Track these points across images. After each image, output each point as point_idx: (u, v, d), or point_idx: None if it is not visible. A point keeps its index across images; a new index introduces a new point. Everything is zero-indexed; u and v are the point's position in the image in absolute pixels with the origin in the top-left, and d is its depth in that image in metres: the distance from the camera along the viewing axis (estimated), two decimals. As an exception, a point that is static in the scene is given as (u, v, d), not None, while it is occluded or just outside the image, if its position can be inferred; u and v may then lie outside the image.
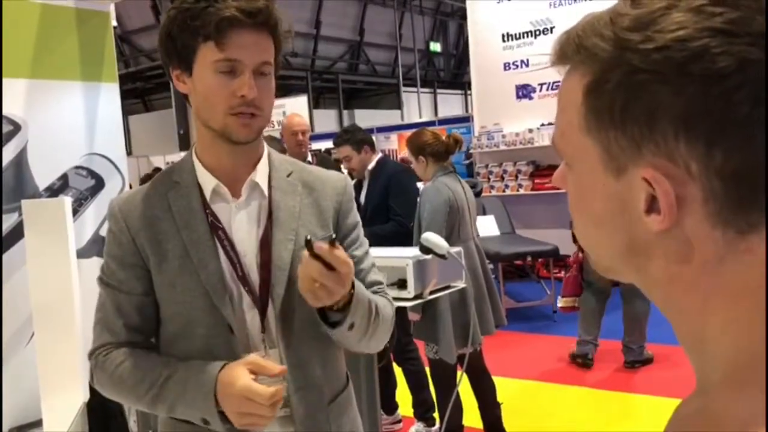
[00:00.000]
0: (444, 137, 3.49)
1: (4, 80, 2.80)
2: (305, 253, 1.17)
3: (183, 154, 1.47)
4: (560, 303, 4.97)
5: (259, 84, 1.26)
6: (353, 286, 1.25)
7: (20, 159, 2.85)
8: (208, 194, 1.33)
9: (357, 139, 4.01)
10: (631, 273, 0.57)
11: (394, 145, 15.27)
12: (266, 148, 1.41)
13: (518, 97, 7.40)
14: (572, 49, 0.55)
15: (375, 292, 1.45)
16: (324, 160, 4.46)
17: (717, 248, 0.50)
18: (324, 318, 1.28)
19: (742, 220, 0.48)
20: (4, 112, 2.81)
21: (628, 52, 0.49)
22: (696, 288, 0.51)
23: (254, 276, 1.32)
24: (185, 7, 1.24)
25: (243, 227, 1.34)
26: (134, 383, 1.29)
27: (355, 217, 1.48)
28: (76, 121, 3.11)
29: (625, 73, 0.50)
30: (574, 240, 4.70)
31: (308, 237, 1.17)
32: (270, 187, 1.37)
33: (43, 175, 2.93)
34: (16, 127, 2.86)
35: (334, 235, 1.21)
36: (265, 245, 1.33)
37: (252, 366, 1.22)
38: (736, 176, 0.47)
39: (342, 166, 4.16)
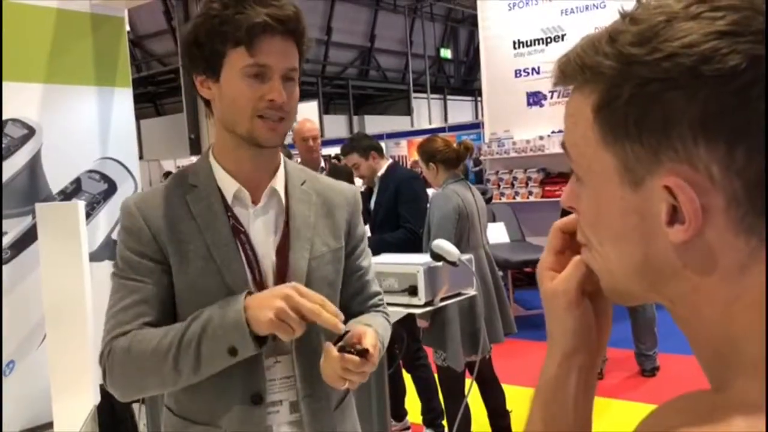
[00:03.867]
0: (455, 144, 3.50)
1: (20, 84, 2.83)
2: (336, 353, 1.22)
3: (194, 158, 1.49)
4: None
5: (287, 88, 1.28)
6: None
7: (34, 162, 2.88)
8: (229, 198, 1.34)
9: (363, 146, 4.02)
10: (647, 291, 0.56)
11: (404, 151, 15.30)
12: (282, 155, 1.43)
13: (529, 104, 7.38)
14: (575, 70, 0.55)
15: (377, 304, 1.50)
16: (338, 169, 4.46)
17: (740, 257, 0.49)
18: None
19: (765, 226, 0.48)
20: (19, 116, 2.84)
21: (635, 65, 0.50)
22: (718, 298, 0.51)
23: (269, 282, 1.34)
24: (213, 13, 1.25)
25: (260, 233, 1.35)
26: (156, 343, 1.24)
27: (363, 227, 1.51)
28: (89, 125, 3.14)
29: (636, 86, 0.50)
30: None
31: (342, 344, 1.23)
32: (287, 195, 1.38)
33: (56, 179, 2.96)
34: (31, 131, 2.88)
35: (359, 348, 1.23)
36: (282, 253, 1.34)
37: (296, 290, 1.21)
38: (759, 180, 0.47)
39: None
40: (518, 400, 3.98)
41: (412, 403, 3.93)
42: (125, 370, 1.28)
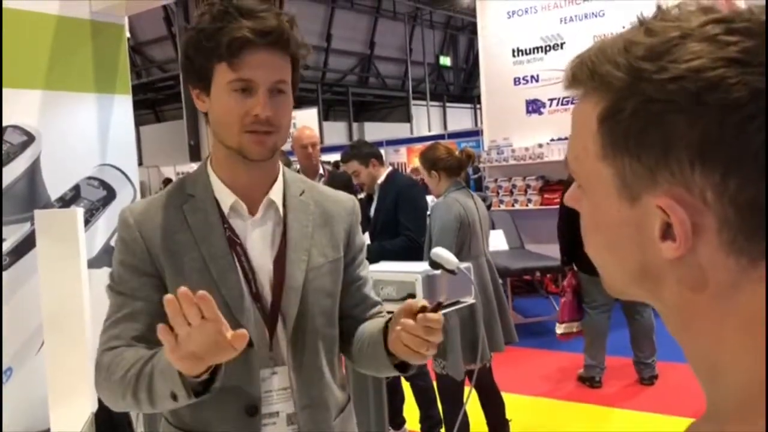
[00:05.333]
0: (456, 152, 3.50)
1: (19, 91, 2.83)
2: (427, 315, 1.21)
3: (194, 164, 1.49)
4: (560, 330, 4.60)
5: (275, 102, 1.26)
6: None
7: (33, 169, 2.88)
8: (226, 209, 1.33)
9: (363, 153, 4.03)
10: (644, 294, 0.57)
11: (403, 158, 15.33)
12: (281, 165, 1.42)
13: (528, 112, 7.40)
14: (585, 75, 0.55)
15: (377, 313, 1.50)
16: (337, 176, 4.46)
17: (731, 276, 0.50)
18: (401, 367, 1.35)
19: (756, 248, 0.48)
20: (19, 122, 2.84)
21: (643, 82, 0.50)
22: (709, 315, 0.51)
23: (266, 294, 1.33)
24: (201, 27, 1.25)
25: (257, 245, 1.34)
26: (124, 372, 1.23)
27: (362, 237, 1.50)
28: (88, 132, 3.14)
29: (640, 103, 0.50)
30: (565, 263, 4.68)
31: (441, 302, 1.25)
32: (284, 206, 1.37)
33: (55, 186, 2.95)
34: (30, 138, 2.88)
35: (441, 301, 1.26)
36: (279, 264, 1.33)
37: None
38: (750, 206, 0.47)
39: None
40: (518, 408, 3.97)
41: (411, 411, 3.91)
42: (104, 389, 1.30)
